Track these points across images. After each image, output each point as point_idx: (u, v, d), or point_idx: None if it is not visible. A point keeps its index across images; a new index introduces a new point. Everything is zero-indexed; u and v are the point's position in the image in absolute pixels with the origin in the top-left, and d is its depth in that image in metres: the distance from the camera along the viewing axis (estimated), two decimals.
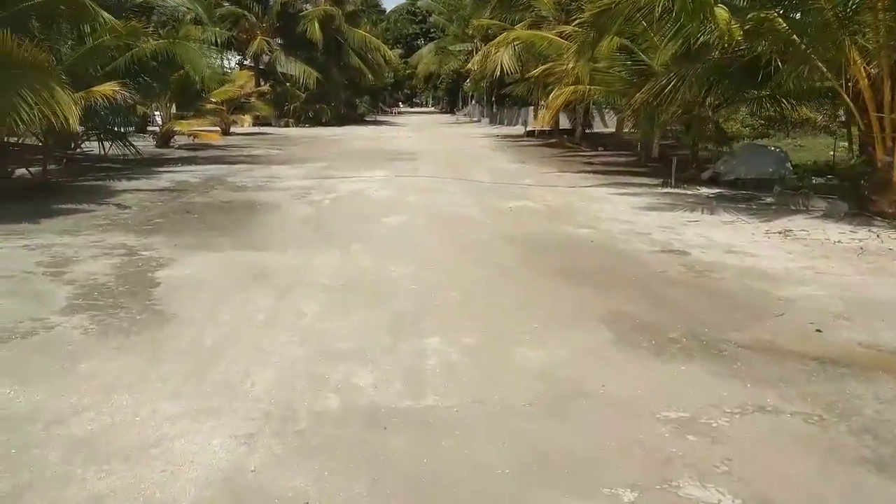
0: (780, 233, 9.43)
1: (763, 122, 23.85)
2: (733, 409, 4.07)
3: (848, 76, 10.45)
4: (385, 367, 4.69)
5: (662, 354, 4.95)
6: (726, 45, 12.35)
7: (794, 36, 10.42)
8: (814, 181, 13.46)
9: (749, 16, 11.26)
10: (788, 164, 15.57)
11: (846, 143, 21.64)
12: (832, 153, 21.36)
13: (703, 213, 11.08)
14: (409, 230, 9.64)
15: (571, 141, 27.25)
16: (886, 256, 8.04)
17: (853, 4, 9.56)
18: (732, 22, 11.56)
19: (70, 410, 4.00)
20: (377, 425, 3.88)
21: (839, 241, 8.84)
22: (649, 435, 3.77)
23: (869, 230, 9.45)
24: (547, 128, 25.99)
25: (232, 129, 31.80)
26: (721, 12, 11.63)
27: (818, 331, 5.47)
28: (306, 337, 5.30)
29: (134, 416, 3.94)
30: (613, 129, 29.72)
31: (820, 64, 10.45)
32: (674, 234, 9.41)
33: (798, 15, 10.70)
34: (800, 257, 8.04)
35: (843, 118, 27.85)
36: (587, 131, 29.53)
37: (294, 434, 3.78)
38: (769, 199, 12.41)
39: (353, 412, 4.04)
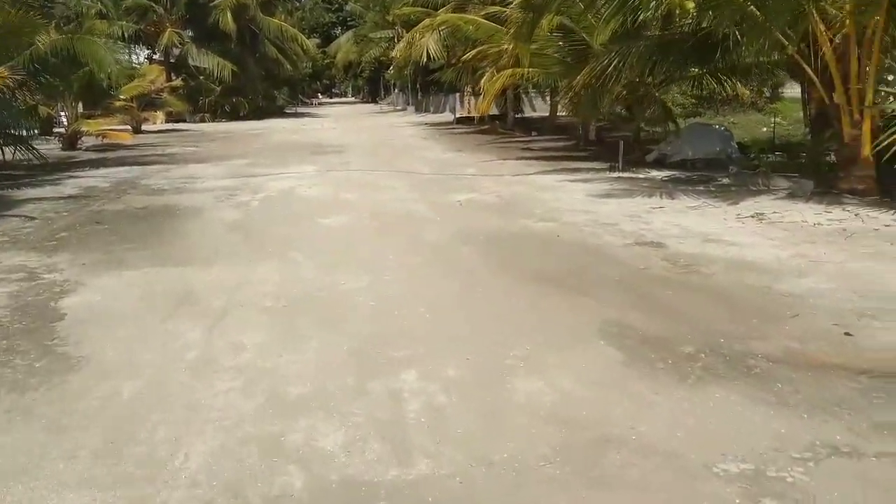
0: (752, 216, 8.80)
1: (694, 100, 23.56)
2: (802, 452, 3.26)
3: (809, 48, 9.89)
4: (356, 420, 3.72)
5: (687, 377, 4.12)
6: (677, 20, 11.72)
7: (752, 6, 9.78)
8: (769, 159, 12.97)
9: None
10: (734, 143, 15.12)
11: (777, 119, 21.61)
12: (766, 129, 21.29)
13: (662, 198, 10.40)
14: (353, 232, 8.63)
15: (504, 127, 26.53)
16: (877, 238, 7.46)
17: None
18: None
19: None
20: None
21: (819, 224, 8.24)
22: (715, 502, 2.92)
23: (844, 209, 8.90)
24: (476, 114, 25.17)
25: (144, 127, 29.91)
26: None
27: (847, 334, 4.74)
28: (250, 380, 4.28)
29: None
30: (542, 114, 29.12)
31: (780, 36, 9.84)
32: (642, 223, 8.66)
33: None
34: (785, 244, 7.38)
35: (769, 95, 28.00)
36: (517, 116, 28.91)
37: None
38: (726, 180, 11.84)
39: (324, 494, 3.07)
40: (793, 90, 27.82)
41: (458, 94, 34.78)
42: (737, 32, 10.26)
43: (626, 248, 7.44)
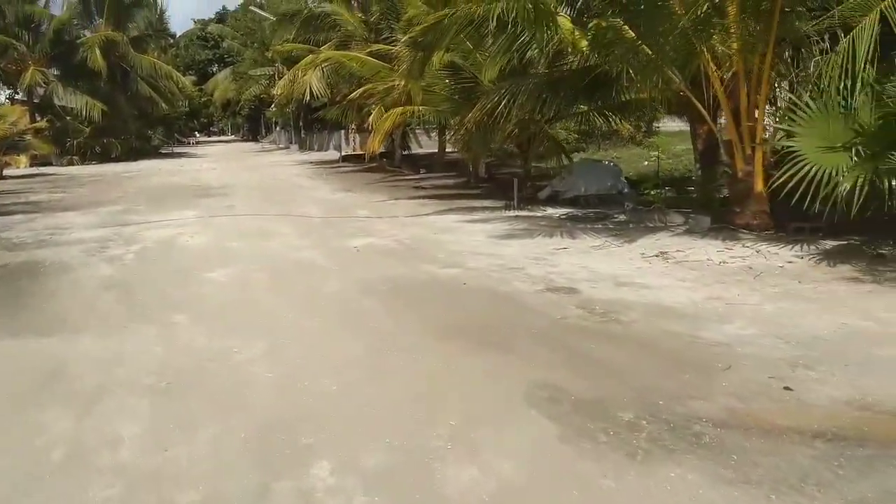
0: (657, 255, 8.68)
1: (577, 135, 23.95)
2: None
3: (700, 84, 9.98)
4: None
5: (634, 453, 3.72)
6: (570, 57, 11.71)
7: (645, 46, 9.81)
8: (662, 194, 13.09)
9: (590, 25, 10.62)
10: (623, 178, 15.29)
11: (657, 153, 22.27)
12: (647, 163, 21.90)
13: (564, 237, 10.20)
14: (243, 288, 7.91)
15: (391, 165, 26.18)
16: (783, 276, 7.41)
17: (707, 8, 9.03)
18: (576, 32, 10.86)
19: None
20: None
21: (724, 262, 8.18)
22: None
23: (744, 246, 8.91)
24: (367, 152, 24.66)
25: (5, 172, 27.83)
26: (564, 21, 10.92)
27: (787, 388, 4.49)
28: (131, 486, 3.57)
29: None
30: (429, 150, 29.00)
31: (671, 73, 9.90)
32: (549, 266, 8.37)
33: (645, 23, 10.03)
34: (696, 285, 7.22)
35: (645, 129, 28.94)
36: (404, 153, 28.68)
37: None
38: (622, 217, 11.82)
39: None
40: (666, 125, 29.03)
41: (343, 132, 34.27)
42: (629, 70, 10.26)
43: (538, 295, 7.09)
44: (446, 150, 24.62)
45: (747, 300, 6.59)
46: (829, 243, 8.72)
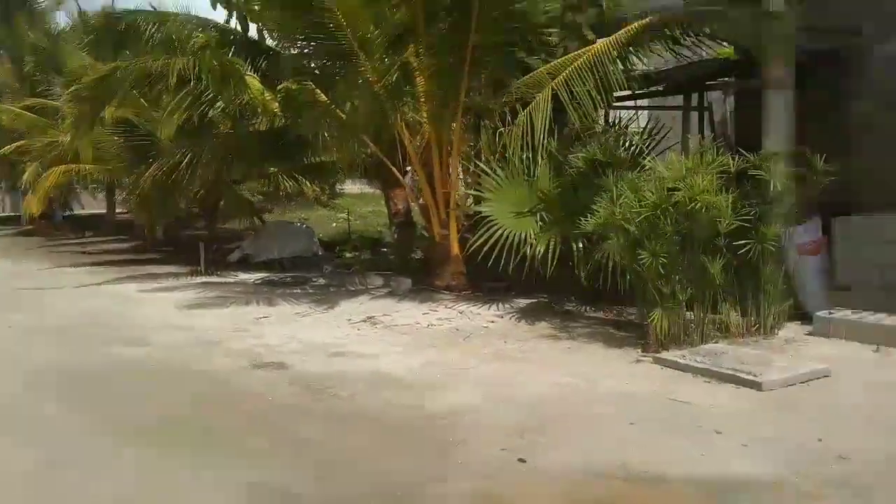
0: (365, 321, 8.40)
1: (262, 196, 23.37)
2: None
3: (396, 148, 10.07)
4: None
5: None
6: (260, 117, 11.26)
7: (339, 110, 9.71)
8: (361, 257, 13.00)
9: (280, 87, 10.31)
10: (316, 240, 15.04)
11: (345, 215, 22.48)
12: (335, 224, 22.02)
13: (262, 304, 9.56)
14: None
15: (52, 227, 23.27)
16: (490, 336, 7.51)
17: (398, 78, 9.18)
18: (266, 93, 10.46)
19: None
20: None
21: (432, 325, 8.14)
22: None
23: (447, 307, 8.98)
24: (30, 213, 21.41)
25: None
26: (253, 81, 10.46)
27: (521, 460, 4.33)
28: None
29: None
30: (94, 210, 26.31)
31: (366, 138, 9.88)
32: (251, 338, 7.69)
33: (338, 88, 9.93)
34: (411, 351, 7.03)
35: (329, 191, 29.19)
36: (66, 215, 25.78)
37: None
38: (322, 281, 11.46)
39: None
40: (349, 187, 29.65)
41: None
42: (325, 133, 10.09)
43: (245, 374, 6.39)
44: (116, 210, 22.61)
45: (463, 364, 6.50)
46: (522, 301, 9.10)
